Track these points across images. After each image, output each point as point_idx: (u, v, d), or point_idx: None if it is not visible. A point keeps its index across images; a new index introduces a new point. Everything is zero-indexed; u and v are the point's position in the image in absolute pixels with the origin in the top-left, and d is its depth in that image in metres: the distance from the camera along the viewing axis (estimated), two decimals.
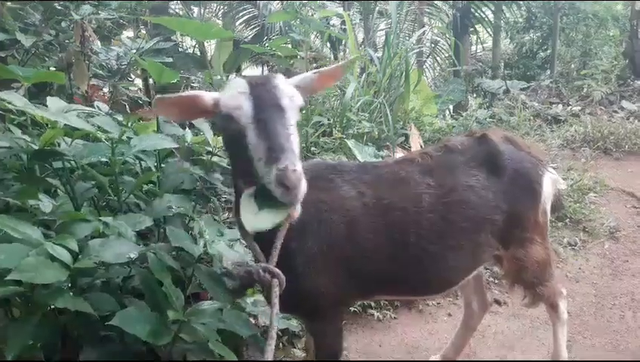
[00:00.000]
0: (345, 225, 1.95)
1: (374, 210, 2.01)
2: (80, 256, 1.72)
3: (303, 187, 1.45)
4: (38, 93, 3.63)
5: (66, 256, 1.65)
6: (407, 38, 7.58)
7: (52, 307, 1.76)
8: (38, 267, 1.55)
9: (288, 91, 1.59)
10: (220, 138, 2.62)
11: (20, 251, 1.60)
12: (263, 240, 1.79)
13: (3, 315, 1.86)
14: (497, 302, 3.58)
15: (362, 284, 2.07)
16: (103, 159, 2.22)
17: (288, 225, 1.72)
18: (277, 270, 1.68)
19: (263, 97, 1.55)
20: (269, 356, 1.42)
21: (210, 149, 2.59)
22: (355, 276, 2.02)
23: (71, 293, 1.77)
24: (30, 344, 1.69)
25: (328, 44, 9.72)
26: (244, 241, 2.18)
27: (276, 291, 1.64)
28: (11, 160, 2.19)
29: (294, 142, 1.52)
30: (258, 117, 1.52)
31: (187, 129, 2.83)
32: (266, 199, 1.50)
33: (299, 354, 2.96)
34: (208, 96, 1.63)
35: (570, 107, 8.28)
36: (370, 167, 2.19)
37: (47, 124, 2.16)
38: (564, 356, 2.72)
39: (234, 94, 1.56)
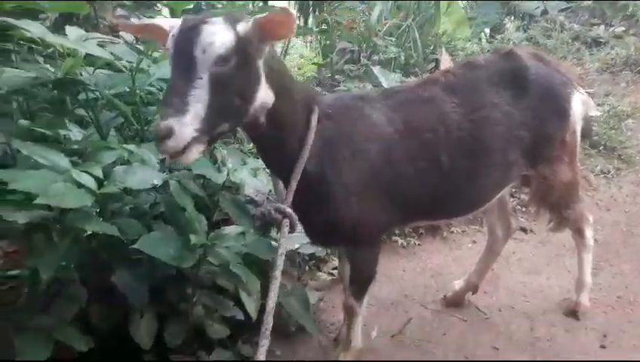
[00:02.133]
0: (381, 153, 1.94)
1: (405, 133, 1.99)
2: (105, 183, 1.77)
3: (172, 146, 1.34)
4: (64, 23, 3.62)
5: (91, 183, 1.70)
6: None
7: (85, 233, 1.84)
8: (64, 192, 1.60)
9: (208, 40, 1.41)
10: None
11: (48, 178, 1.64)
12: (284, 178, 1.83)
13: (44, 239, 1.95)
14: (523, 229, 3.58)
15: (402, 209, 2.07)
16: (126, 89, 2.22)
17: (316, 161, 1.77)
18: (289, 210, 1.69)
19: (182, 43, 1.43)
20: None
21: None
22: (395, 202, 2.02)
23: (100, 219, 1.84)
24: (63, 265, 1.79)
25: None
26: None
27: (285, 231, 1.65)
28: (41, 91, 2.21)
29: (192, 97, 1.38)
30: (172, 63, 1.44)
31: None
32: None
33: (324, 277, 3.05)
34: (167, 27, 1.52)
35: (612, 28, 7.81)
36: (394, 92, 2.14)
37: (68, 54, 2.16)
38: (589, 282, 2.73)
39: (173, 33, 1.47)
